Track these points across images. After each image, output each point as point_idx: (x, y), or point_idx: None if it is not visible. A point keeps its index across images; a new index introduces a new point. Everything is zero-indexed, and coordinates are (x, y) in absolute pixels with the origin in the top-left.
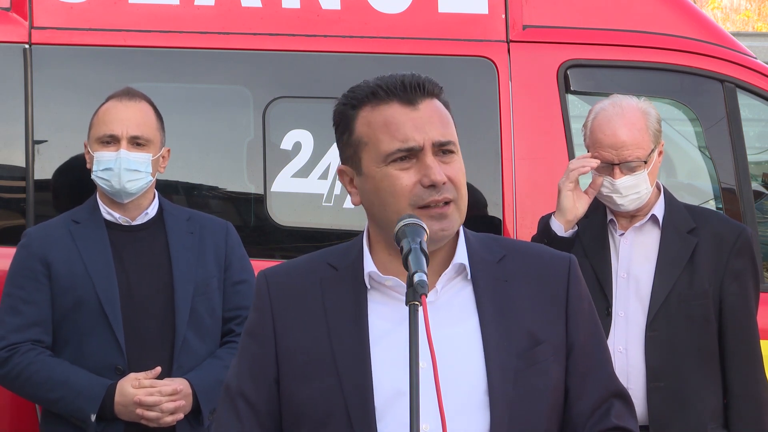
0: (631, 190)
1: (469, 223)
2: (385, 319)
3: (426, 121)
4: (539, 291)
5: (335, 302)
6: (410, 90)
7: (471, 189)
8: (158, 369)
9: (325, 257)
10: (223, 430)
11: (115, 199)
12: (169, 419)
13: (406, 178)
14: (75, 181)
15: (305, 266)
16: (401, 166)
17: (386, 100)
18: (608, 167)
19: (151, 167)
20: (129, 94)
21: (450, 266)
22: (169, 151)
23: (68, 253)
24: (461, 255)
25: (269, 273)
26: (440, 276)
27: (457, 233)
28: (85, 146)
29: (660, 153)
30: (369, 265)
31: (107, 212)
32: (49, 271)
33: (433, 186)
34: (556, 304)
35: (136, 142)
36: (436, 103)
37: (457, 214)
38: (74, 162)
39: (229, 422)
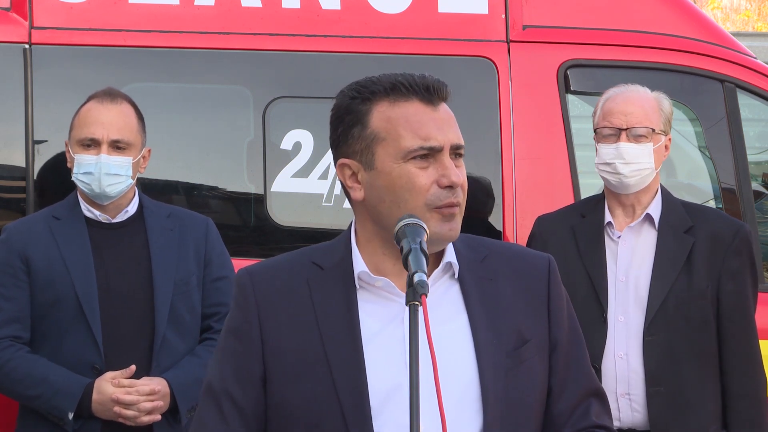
0: (635, 158)
1: (468, 223)
2: (375, 318)
3: (445, 123)
4: (522, 290)
5: (324, 302)
6: (432, 90)
7: (471, 189)
8: (133, 368)
9: (308, 256)
10: (207, 430)
11: (95, 201)
12: (146, 419)
13: (424, 177)
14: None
15: (289, 265)
16: (420, 164)
17: (407, 97)
18: (615, 135)
19: (131, 170)
20: (110, 95)
21: (441, 265)
22: (149, 151)
23: (48, 249)
24: (450, 254)
25: (253, 271)
26: (431, 275)
27: None
28: (66, 145)
29: (666, 147)
30: (360, 265)
31: (87, 209)
32: (29, 268)
33: (450, 187)
34: (539, 302)
35: (117, 146)
36: (447, 107)
37: (461, 217)
38: None
39: (214, 423)
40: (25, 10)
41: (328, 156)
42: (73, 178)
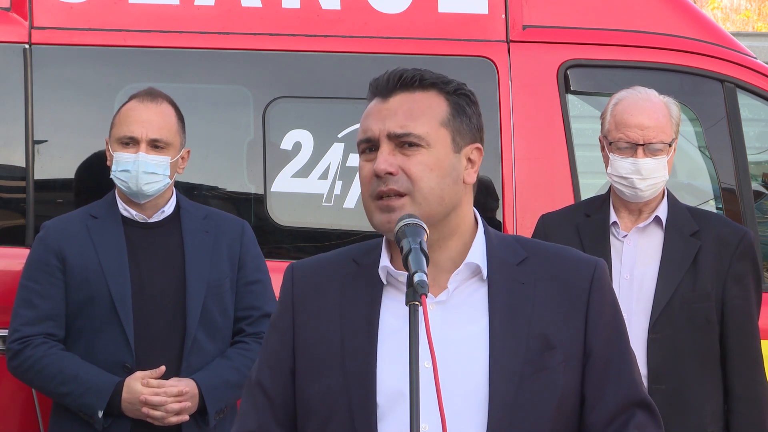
0: (652, 173)
1: None
2: (396, 316)
3: (389, 113)
4: (559, 295)
5: (351, 298)
6: (385, 84)
7: None
8: (163, 368)
9: (351, 253)
10: (241, 418)
11: (132, 199)
12: (174, 419)
13: (367, 168)
14: (75, 181)
15: (331, 261)
16: (368, 157)
17: (372, 96)
18: (631, 148)
19: (169, 170)
20: (151, 95)
21: (462, 265)
22: (188, 152)
23: (84, 248)
24: (475, 254)
25: (296, 267)
26: (451, 275)
27: (475, 231)
28: (107, 143)
29: (674, 149)
30: (384, 261)
31: (124, 209)
32: (64, 266)
33: (379, 176)
34: (576, 308)
35: (155, 145)
36: (416, 95)
37: (414, 208)
38: (74, 162)
39: (247, 411)
40: (25, 10)
41: (328, 156)
42: (111, 176)
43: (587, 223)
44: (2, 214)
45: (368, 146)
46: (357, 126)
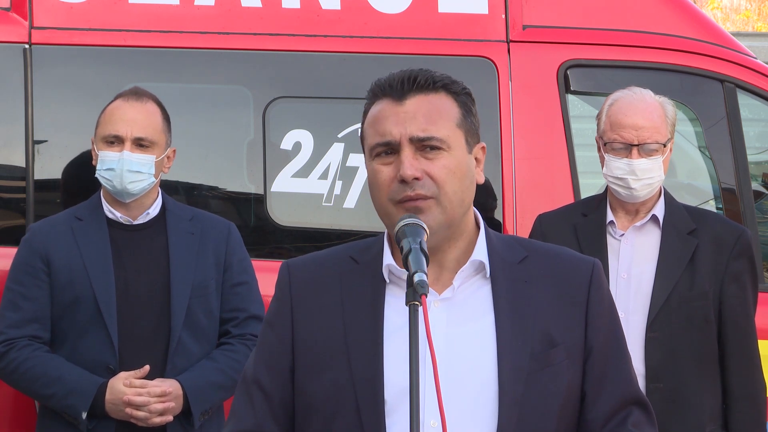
0: (647, 173)
1: None
2: (400, 313)
3: (408, 117)
4: (559, 293)
5: (353, 295)
6: (399, 86)
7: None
8: (146, 368)
9: (348, 251)
10: (237, 416)
11: (117, 198)
12: (158, 420)
13: (386, 172)
14: (75, 181)
15: (328, 259)
16: (384, 160)
17: (381, 97)
18: (626, 149)
19: (154, 168)
20: (136, 94)
21: (468, 263)
22: (174, 151)
23: (68, 250)
24: (479, 252)
25: (292, 264)
26: (457, 273)
27: (477, 231)
28: (92, 143)
29: (671, 149)
30: (388, 258)
31: (109, 210)
32: (49, 268)
33: (404, 181)
34: (576, 307)
35: (140, 144)
36: (431, 98)
37: (439, 210)
38: (74, 162)
39: (243, 409)
40: (25, 10)
41: (328, 156)
42: (96, 175)
43: (584, 223)
44: (2, 214)
45: (385, 149)
46: (357, 126)
